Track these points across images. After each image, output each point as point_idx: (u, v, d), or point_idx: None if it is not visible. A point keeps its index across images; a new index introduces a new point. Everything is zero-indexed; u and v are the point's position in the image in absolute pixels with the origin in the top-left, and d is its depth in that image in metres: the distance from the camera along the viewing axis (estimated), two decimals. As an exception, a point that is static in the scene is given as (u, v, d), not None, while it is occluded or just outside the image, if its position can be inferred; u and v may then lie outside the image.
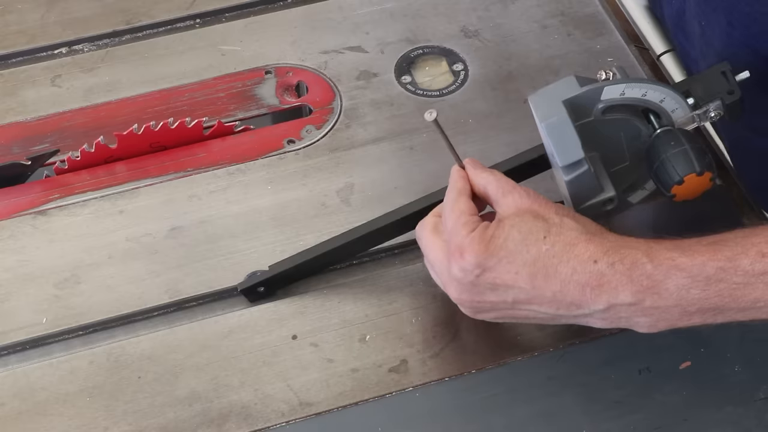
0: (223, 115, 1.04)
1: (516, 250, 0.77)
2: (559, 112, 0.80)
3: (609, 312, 0.77)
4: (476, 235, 0.78)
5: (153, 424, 0.84)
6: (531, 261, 0.77)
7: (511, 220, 0.79)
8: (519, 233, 0.78)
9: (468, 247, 0.78)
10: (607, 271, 0.76)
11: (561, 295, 0.77)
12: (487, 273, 0.78)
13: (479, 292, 0.79)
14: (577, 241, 0.77)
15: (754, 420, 0.84)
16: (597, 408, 0.84)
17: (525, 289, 0.78)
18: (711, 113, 0.82)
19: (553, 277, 0.77)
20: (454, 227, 0.80)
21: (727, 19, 0.88)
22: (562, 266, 0.77)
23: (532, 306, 0.79)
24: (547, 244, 0.77)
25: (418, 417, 0.84)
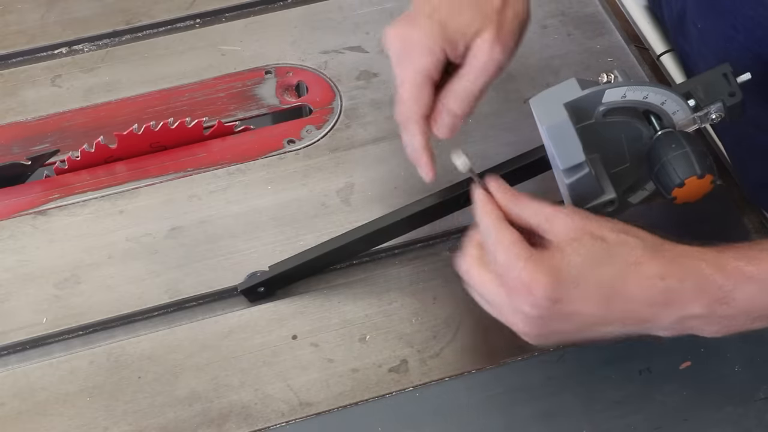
0: (223, 115, 1.04)
1: (582, 276, 0.74)
2: (560, 114, 0.79)
3: (678, 324, 0.76)
4: (537, 266, 0.74)
5: (153, 424, 0.84)
6: (599, 286, 0.75)
7: (571, 246, 0.75)
8: (582, 258, 0.75)
9: (534, 281, 0.74)
10: (677, 287, 0.75)
11: (631, 314, 0.76)
12: (558, 305, 0.74)
13: (548, 324, 0.76)
14: (642, 259, 0.75)
15: (754, 420, 0.84)
16: (597, 408, 0.85)
17: (596, 314, 0.75)
18: (712, 115, 0.82)
19: (622, 298, 0.75)
20: (508, 261, 0.75)
21: (730, 23, 0.88)
22: (631, 287, 0.75)
23: (602, 327, 0.77)
24: (612, 267, 0.75)
25: (418, 417, 0.85)
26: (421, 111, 0.83)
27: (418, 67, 0.83)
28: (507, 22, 0.84)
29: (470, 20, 0.83)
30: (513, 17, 0.85)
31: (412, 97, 0.83)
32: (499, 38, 0.83)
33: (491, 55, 0.83)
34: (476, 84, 0.83)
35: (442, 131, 0.84)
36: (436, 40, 0.82)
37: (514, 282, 0.75)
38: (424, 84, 0.83)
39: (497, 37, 0.83)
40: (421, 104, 0.83)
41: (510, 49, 0.84)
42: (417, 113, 0.83)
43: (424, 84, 0.83)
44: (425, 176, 0.86)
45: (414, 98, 0.83)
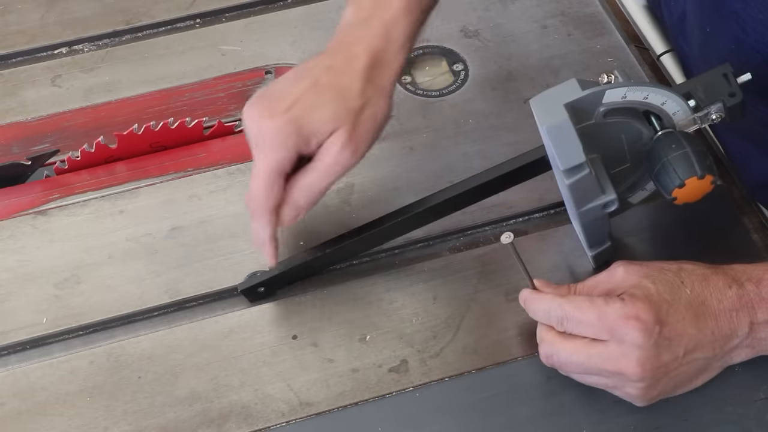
0: (223, 115, 1.04)
1: (672, 299, 0.79)
2: (560, 115, 0.79)
3: (751, 335, 0.80)
4: (633, 300, 0.78)
5: (153, 424, 0.84)
6: (687, 305, 0.79)
7: (647, 280, 0.80)
8: (663, 286, 0.79)
9: (639, 310, 0.77)
10: (743, 293, 0.79)
11: (717, 329, 0.79)
12: (664, 327, 0.78)
13: (659, 353, 0.78)
14: (708, 274, 0.80)
15: (754, 420, 0.84)
16: (597, 408, 0.84)
17: (692, 334, 0.79)
18: (712, 115, 0.82)
19: (707, 313, 0.79)
20: (600, 311, 0.78)
21: (739, 26, 0.88)
22: (710, 300, 0.79)
23: (696, 353, 0.79)
24: (687, 287, 0.79)
25: (418, 417, 0.84)
26: (270, 204, 0.86)
27: (270, 161, 0.84)
28: (362, 123, 0.85)
29: (326, 119, 0.84)
30: (370, 118, 0.85)
31: (264, 190, 0.85)
32: (350, 141, 0.84)
33: (338, 158, 0.84)
34: (321, 183, 0.85)
35: (284, 221, 0.87)
36: (290, 137, 0.84)
37: (618, 321, 0.78)
38: (276, 178, 0.85)
39: (349, 140, 0.84)
40: (271, 197, 0.85)
41: (360, 152, 0.86)
42: (267, 206, 0.86)
43: (275, 179, 0.85)
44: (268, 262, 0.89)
45: (265, 192, 0.85)
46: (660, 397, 0.81)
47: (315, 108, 0.84)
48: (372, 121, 0.85)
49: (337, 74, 0.85)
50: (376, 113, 0.86)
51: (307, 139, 0.84)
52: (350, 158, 0.85)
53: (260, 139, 0.84)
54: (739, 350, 0.81)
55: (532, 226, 0.96)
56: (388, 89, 0.87)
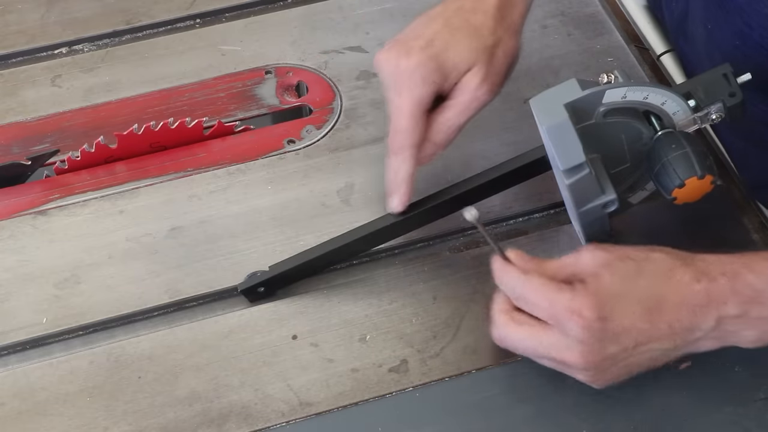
0: (223, 115, 1.04)
1: (623, 293, 0.77)
2: (560, 115, 0.80)
3: (718, 328, 0.78)
4: (581, 292, 0.77)
5: (153, 424, 0.84)
6: (640, 299, 0.77)
7: (605, 269, 0.78)
8: (619, 278, 0.78)
9: (582, 304, 0.76)
10: (712, 288, 0.77)
11: (676, 323, 0.77)
12: (608, 323, 0.77)
13: (603, 347, 0.78)
14: (674, 267, 0.78)
15: (754, 420, 0.84)
16: (597, 408, 0.84)
17: (643, 328, 0.77)
18: (712, 115, 0.82)
19: (664, 307, 0.77)
20: (551, 298, 0.78)
21: (744, 21, 0.88)
22: (670, 294, 0.77)
23: (651, 345, 0.78)
24: (647, 279, 0.78)
25: (418, 417, 0.85)
26: (415, 140, 0.87)
27: (414, 97, 0.86)
28: (497, 60, 0.87)
29: (463, 56, 0.86)
30: (504, 55, 0.87)
31: (409, 127, 0.86)
32: (487, 77, 0.86)
33: (476, 94, 0.86)
34: (459, 119, 0.87)
35: (423, 158, 0.88)
36: (430, 73, 0.85)
37: (562, 313, 0.77)
38: (420, 114, 0.86)
39: (486, 77, 0.86)
40: (417, 134, 0.86)
41: (496, 88, 0.88)
42: (410, 142, 0.87)
43: (420, 114, 0.86)
44: (396, 207, 0.89)
45: (410, 128, 0.86)
46: (617, 381, 0.81)
47: (451, 45, 0.86)
48: (505, 58, 0.87)
49: (468, 14, 0.87)
50: (508, 51, 0.87)
51: (446, 75, 0.85)
52: (487, 94, 0.86)
53: (399, 79, 0.86)
54: (703, 341, 0.79)
55: (532, 226, 0.96)
56: (517, 27, 0.88)
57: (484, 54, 0.86)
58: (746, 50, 0.88)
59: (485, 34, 0.87)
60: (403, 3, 1.14)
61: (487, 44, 0.87)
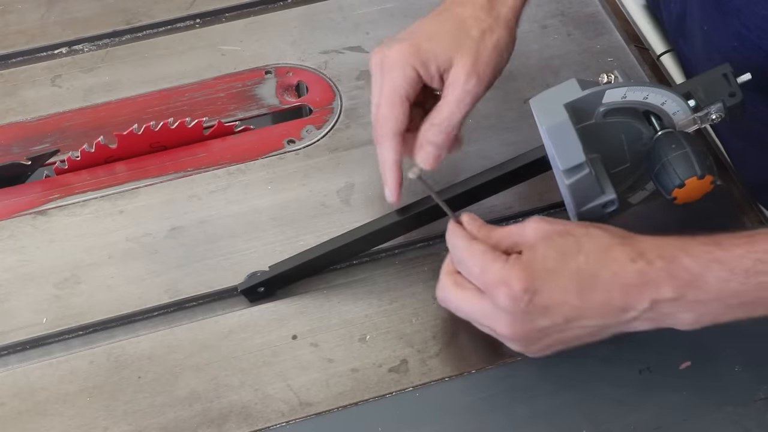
0: (223, 115, 1.04)
1: (556, 267, 0.77)
2: (560, 115, 0.80)
3: (653, 310, 0.77)
4: (513, 264, 0.77)
5: (153, 424, 0.84)
6: (574, 275, 0.77)
7: (542, 243, 0.78)
8: (554, 252, 0.77)
9: (511, 276, 0.77)
10: (647, 269, 0.76)
11: (607, 301, 0.77)
12: (536, 297, 0.77)
13: (531, 320, 0.78)
14: (611, 246, 0.77)
15: (754, 420, 0.84)
16: (597, 408, 0.84)
17: (574, 304, 0.77)
18: (712, 115, 0.82)
19: (597, 285, 0.77)
20: (484, 266, 0.78)
21: (741, 22, 0.88)
22: (603, 272, 0.77)
23: (582, 321, 0.78)
24: (583, 255, 0.77)
25: (418, 417, 0.85)
26: (394, 128, 0.87)
27: (391, 85, 0.86)
28: (484, 51, 0.86)
29: (445, 45, 0.86)
30: (492, 46, 0.87)
31: (388, 114, 0.86)
32: (474, 69, 0.86)
33: (466, 87, 0.86)
34: (454, 116, 0.86)
35: (425, 161, 0.87)
36: (408, 59, 0.86)
37: (492, 282, 0.78)
38: (400, 102, 0.86)
39: (472, 68, 0.86)
40: (395, 121, 0.86)
41: (486, 80, 0.87)
42: (391, 130, 0.87)
43: (399, 102, 0.86)
44: (389, 196, 0.89)
45: (387, 116, 0.86)
46: (551, 352, 0.81)
47: (434, 35, 0.87)
48: (494, 49, 0.87)
49: (457, 6, 0.88)
50: (498, 41, 0.87)
51: (426, 62, 0.86)
52: (477, 86, 0.86)
53: (381, 68, 0.87)
54: (638, 322, 0.78)
55: (532, 226, 0.96)
56: (508, 18, 0.88)
57: (469, 45, 0.86)
58: (744, 51, 0.89)
59: (470, 25, 0.87)
60: (403, 3, 1.14)
61: (471, 35, 0.86)
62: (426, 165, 0.87)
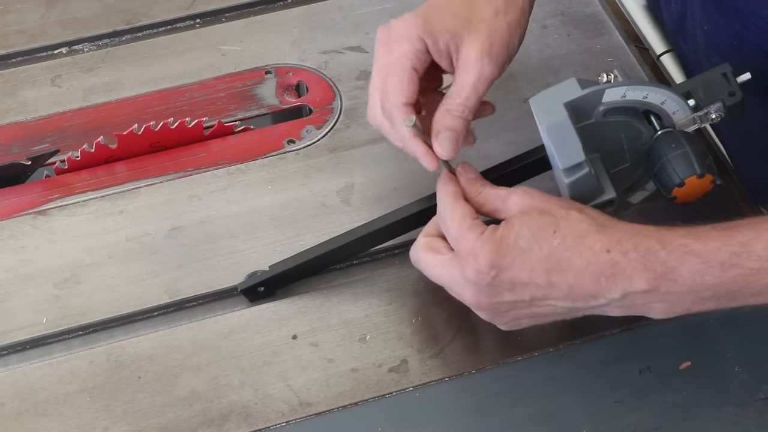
0: (223, 115, 1.04)
1: (528, 247, 0.77)
2: (560, 114, 0.80)
3: (625, 300, 0.77)
4: (486, 237, 0.77)
5: (153, 424, 0.84)
6: (544, 257, 0.76)
7: (519, 219, 0.78)
8: (529, 230, 0.77)
9: (480, 250, 0.77)
10: (621, 260, 0.75)
11: (577, 287, 0.77)
12: (503, 273, 0.77)
13: (497, 293, 0.78)
14: (587, 233, 0.77)
15: (754, 420, 0.84)
16: (597, 408, 0.84)
17: (541, 285, 0.77)
18: (712, 115, 0.82)
19: (567, 270, 0.76)
20: (460, 233, 0.79)
21: (740, 22, 0.88)
22: (575, 259, 0.76)
23: (549, 301, 0.78)
24: (558, 238, 0.77)
25: (418, 417, 0.85)
26: (405, 98, 0.84)
27: (398, 55, 0.84)
28: (495, 32, 0.85)
29: (454, 21, 0.84)
30: (503, 27, 0.85)
31: (394, 85, 0.84)
32: (487, 50, 0.84)
33: (480, 69, 0.84)
34: (469, 100, 0.84)
35: (445, 149, 0.84)
36: (415, 31, 0.84)
37: (464, 251, 0.78)
38: (406, 72, 0.84)
39: (486, 50, 0.84)
40: (405, 91, 0.84)
41: (499, 61, 0.85)
42: (401, 101, 0.84)
43: (405, 72, 0.84)
44: (428, 166, 0.85)
45: (395, 86, 0.84)
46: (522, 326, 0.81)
47: (444, 11, 0.85)
48: (507, 30, 0.85)
49: None
50: (511, 22, 0.85)
51: (434, 35, 0.83)
52: (491, 68, 0.84)
53: (388, 40, 0.85)
54: (609, 308, 0.78)
55: (532, 226, 0.96)
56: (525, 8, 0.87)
57: (481, 25, 0.84)
58: (743, 52, 0.88)
59: (483, 4, 0.85)
60: (403, 3, 1.14)
61: (484, 15, 0.85)
62: (445, 152, 0.84)
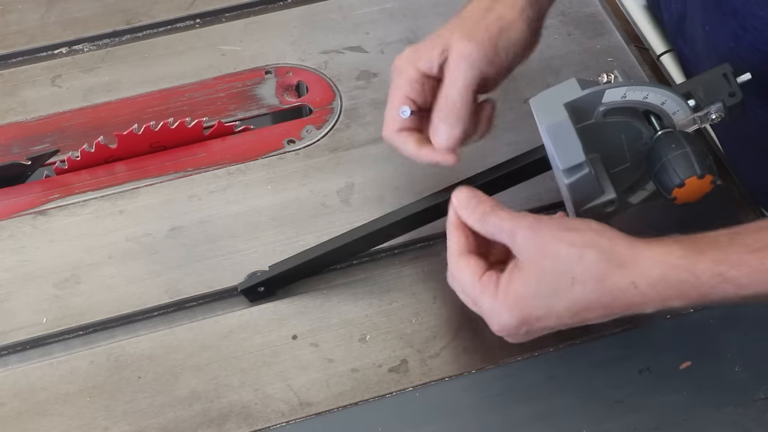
0: (223, 115, 1.04)
1: (551, 301, 0.76)
2: (560, 114, 0.80)
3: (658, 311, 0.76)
4: (502, 295, 0.77)
5: (153, 424, 0.84)
6: (569, 304, 0.76)
7: (533, 271, 0.77)
8: (546, 285, 0.76)
9: (503, 311, 0.77)
10: (650, 292, 0.75)
11: (607, 315, 0.77)
12: (533, 324, 0.77)
13: (532, 335, 0.79)
14: (608, 274, 0.75)
15: (754, 420, 0.84)
16: (597, 408, 0.84)
17: (573, 321, 0.77)
18: (712, 115, 0.82)
19: (596, 308, 0.76)
20: (475, 294, 0.79)
21: (738, 23, 0.88)
22: (603, 299, 0.76)
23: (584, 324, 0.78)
24: (578, 286, 0.75)
25: (418, 417, 0.85)
26: (396, 127, 0.88)
27: (395, 87, 0.88)
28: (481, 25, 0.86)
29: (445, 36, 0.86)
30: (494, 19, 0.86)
31: (389, 117, 0.88)
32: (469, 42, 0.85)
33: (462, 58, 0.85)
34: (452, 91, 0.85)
35: (440, 142, 0.86)
36: (408, 61, 0.87)
37: (486, 312, 0.79)
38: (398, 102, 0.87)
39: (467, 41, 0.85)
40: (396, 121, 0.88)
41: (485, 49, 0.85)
42: (394, 127, 0.88)
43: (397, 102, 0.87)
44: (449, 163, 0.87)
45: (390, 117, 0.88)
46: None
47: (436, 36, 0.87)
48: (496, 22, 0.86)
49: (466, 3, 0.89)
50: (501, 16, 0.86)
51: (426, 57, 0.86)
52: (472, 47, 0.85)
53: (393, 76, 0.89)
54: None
55: (532, 226, 0.96)
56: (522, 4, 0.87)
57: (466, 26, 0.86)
58: (740, 52, 0.88)
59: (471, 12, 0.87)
60: (403, 3, 1.14)
61: (472, 18, 0.87)
62: (442, 144, 0.86)
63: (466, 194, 0.82)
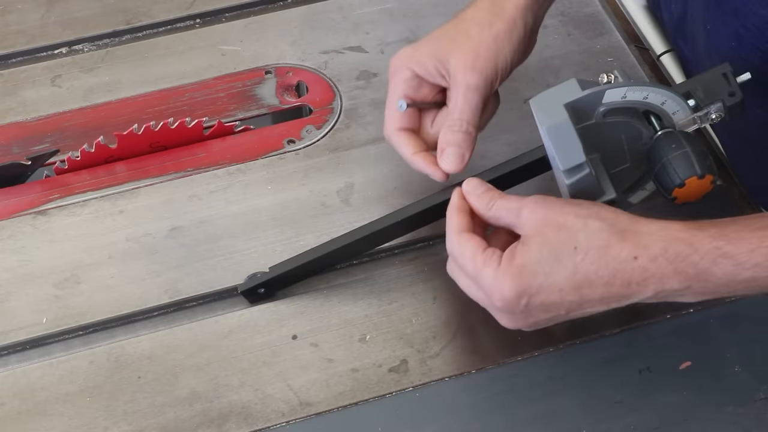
0: (223, 115, 1.04)
1: (552, 269, 0.76)
2: (560, 115, 0.80)
3: (657, 296, 0.77)
4: (505, 268, 0.77)
5: (153, 424, 0.84)
6: (570, 275, 0.76)
7: (536, 240, 0.77)
8: (549, 252, 0.76)
9: (503, 283, 0.77)
10: (650, 266, 0.75)
11: (608, 294, 0.76)
12: (533, 299, 0.77)
13: (532, 316, 0.78)
14: (610, 243, 0.76)
15: (754, 420, 0.84)
16: (597, 408, 0.84)
17: (573, 301, 0.77)
18: (712, 115, 0.82)
19: (596, 282, 0.76)
20: (476, 271, 0.78)
21: (740, 22, 0.88)
22: (603, 270, 0.76)
23: (584, 309, 0.78)
24: (580, 254, 0.76)
25: (418, 417, 0.85)
26: (396, 125, 0.90)
27: (392, 88, 0.91)
28: (482, 44, 0.87)
29: (442, 45, 0.88)
30: (491, 40, 0.87)
31: (387, 114, 0.91)
32: (471, 64, 0.87)
33: (466, 82, 0.87)
34: (463, 114, 0.88)
35: (448, 163, 0.88)
36: (404, 62, 0.90)
37: (486, 288, 0.78)
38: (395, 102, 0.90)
39: (470, 63, 0.87)
40: (395, 119, 0.90)
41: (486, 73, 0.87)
42: (393, 127, 0.90)
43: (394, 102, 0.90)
44: (437, 178, 0.89)
45: (388, 115, 0.91)
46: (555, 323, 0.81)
47: (433, 37, 0.90)
48: (493, 42, 0.87)
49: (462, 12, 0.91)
50: (498, 34, 0.87)
51: (423, 61, 0.88)
52: (474, 77, 0.86)
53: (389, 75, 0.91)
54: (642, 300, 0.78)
55: (532, 226, 0.96)
56: (511, 13, 0.88)
57: (466, 42, 0.87)
58: (742, 52, 0.89)
59: (469, 24, 0.88)
60: (403, 3, 1.14)
61: (470, 33, 0.88)
62: (451, 167, 0.88)
63: (476, 181, 0.84)
